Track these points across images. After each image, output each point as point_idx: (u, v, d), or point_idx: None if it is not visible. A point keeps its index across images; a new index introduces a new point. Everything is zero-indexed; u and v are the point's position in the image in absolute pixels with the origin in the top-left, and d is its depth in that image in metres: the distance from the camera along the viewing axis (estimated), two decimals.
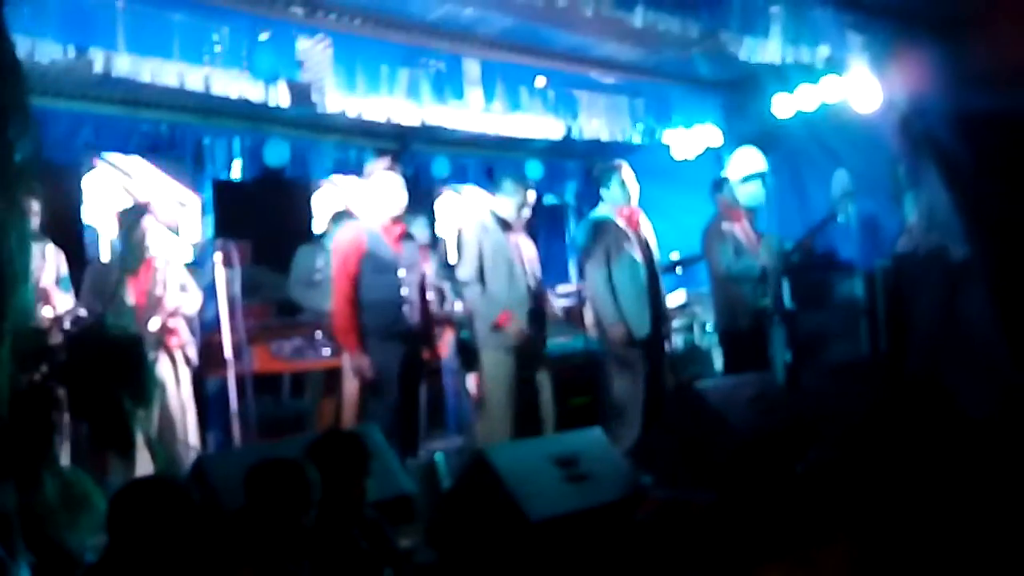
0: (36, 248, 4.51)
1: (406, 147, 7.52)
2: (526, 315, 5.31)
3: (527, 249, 5.52)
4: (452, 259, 5.67)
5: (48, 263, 4.99)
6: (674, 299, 7.05)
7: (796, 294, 6.17)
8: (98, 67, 5.08)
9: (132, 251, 5.20)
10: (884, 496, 3.92)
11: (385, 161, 5.31)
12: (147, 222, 5.25)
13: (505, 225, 5.42)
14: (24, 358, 2.99)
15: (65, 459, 4.01)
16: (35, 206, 4.79)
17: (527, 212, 5.50)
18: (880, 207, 6.72)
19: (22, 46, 3.88)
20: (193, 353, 5.37)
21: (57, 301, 4.93)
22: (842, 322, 6.39)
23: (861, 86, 6.39)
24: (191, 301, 5.41)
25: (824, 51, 6.23)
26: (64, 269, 5.12)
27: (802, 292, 6.22)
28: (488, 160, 8.22)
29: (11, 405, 2.69)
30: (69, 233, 5.93)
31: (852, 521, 3.80)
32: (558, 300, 6.93)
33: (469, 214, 6.57)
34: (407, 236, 5.18)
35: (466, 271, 5.33)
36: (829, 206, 6.59)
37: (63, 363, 3.20)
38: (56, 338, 3.33)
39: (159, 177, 6.58)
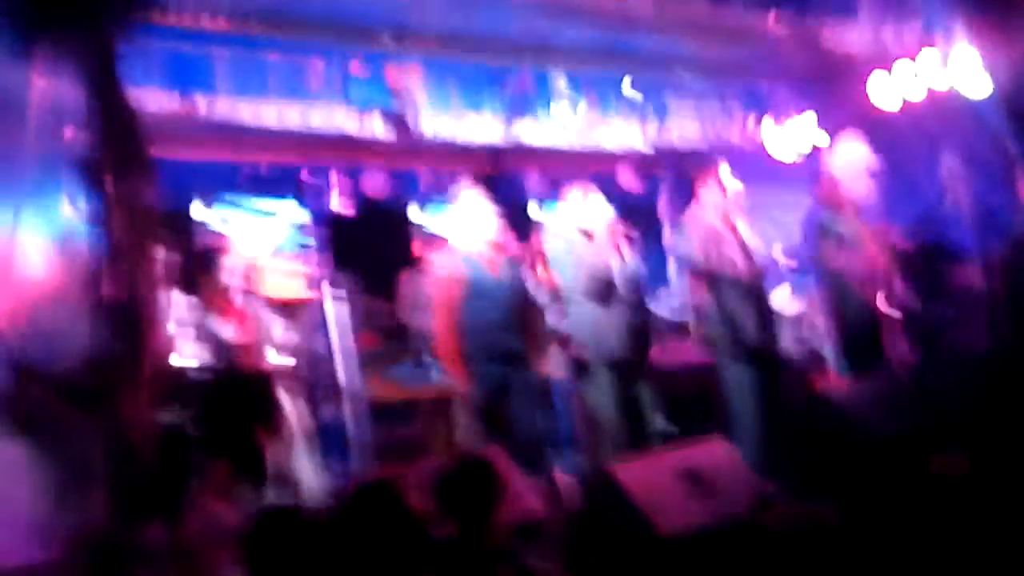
0: (163, 293, 4.59)
1: (499, 166, 7.55)
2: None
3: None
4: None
5: (174, 308, 5.10)
6: (782, 300, 6.88)
7: (911, 286, 5.95)
8: (201, 111, 5.22)
9: (211, 291, 5.13)
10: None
11: (473, 184, 5.32)
12: (226, 260, 5.19)
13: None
14: (160, 401, 3.08)
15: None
16: (164, 253, 4.93)
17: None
18: (991, 189, 6.46)
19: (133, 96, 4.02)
20: (306, 385, 5.43)
21: (183, 345, 5.03)
22: (962, 312, 6.16)
23: (961, 65, 6.17)
24: (288, 337, 5.39)
25: (919, 30, 6.05)
26: (185, 312, 5.22)
27: (917, 284, 6.01)
28: (581, 173, 8.19)
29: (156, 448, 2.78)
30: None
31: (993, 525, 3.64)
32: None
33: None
34: (506, 257, 5.18)
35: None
36: (938, 192, 6.36)
37: (197, 404, 3.28)
38: (186, 380, 3.41)
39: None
